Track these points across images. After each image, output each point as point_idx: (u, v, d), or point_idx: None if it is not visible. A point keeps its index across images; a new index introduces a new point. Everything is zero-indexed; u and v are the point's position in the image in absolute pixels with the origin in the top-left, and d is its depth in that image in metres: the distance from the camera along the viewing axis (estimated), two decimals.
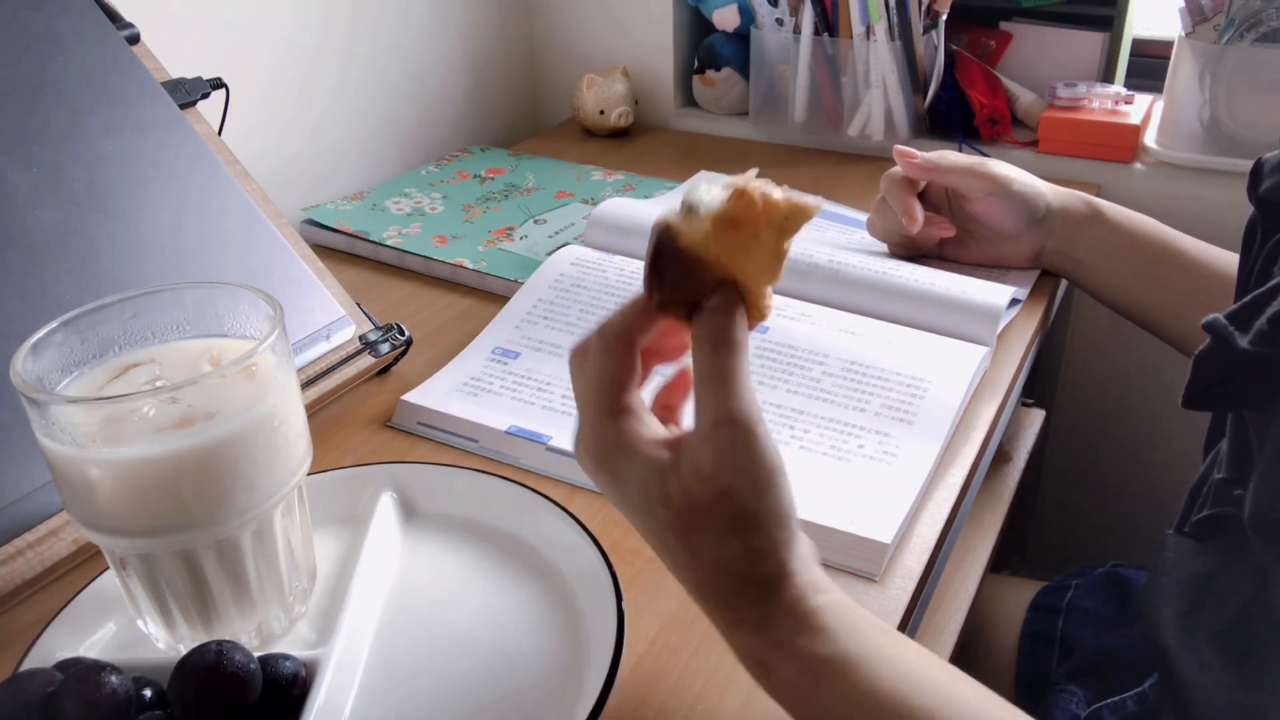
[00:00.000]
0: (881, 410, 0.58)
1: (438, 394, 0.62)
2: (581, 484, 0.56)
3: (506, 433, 0.58)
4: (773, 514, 0.36)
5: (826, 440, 0.56)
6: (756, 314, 0.38)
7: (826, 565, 0.50)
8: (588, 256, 0.73)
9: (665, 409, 0.43)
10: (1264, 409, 0.47)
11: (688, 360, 0.43)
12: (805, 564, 0.37)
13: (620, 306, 0.39)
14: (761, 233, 0.36)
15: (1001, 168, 0.74)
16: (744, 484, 0.36)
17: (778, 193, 0.36)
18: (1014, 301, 0.72)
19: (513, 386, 0.62)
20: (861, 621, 0.37)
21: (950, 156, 0.75)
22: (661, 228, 0.37)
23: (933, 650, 0.75)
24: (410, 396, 0.61)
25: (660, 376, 0.43)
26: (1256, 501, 0.47)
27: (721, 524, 0.36)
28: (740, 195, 0.36)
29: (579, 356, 0.41)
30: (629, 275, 0.71)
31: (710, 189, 0.36)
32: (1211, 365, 0.48)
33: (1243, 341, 0.46)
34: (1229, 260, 0.69)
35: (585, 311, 0.68)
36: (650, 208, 0.79)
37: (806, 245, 0.73)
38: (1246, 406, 0.49)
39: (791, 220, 0.36)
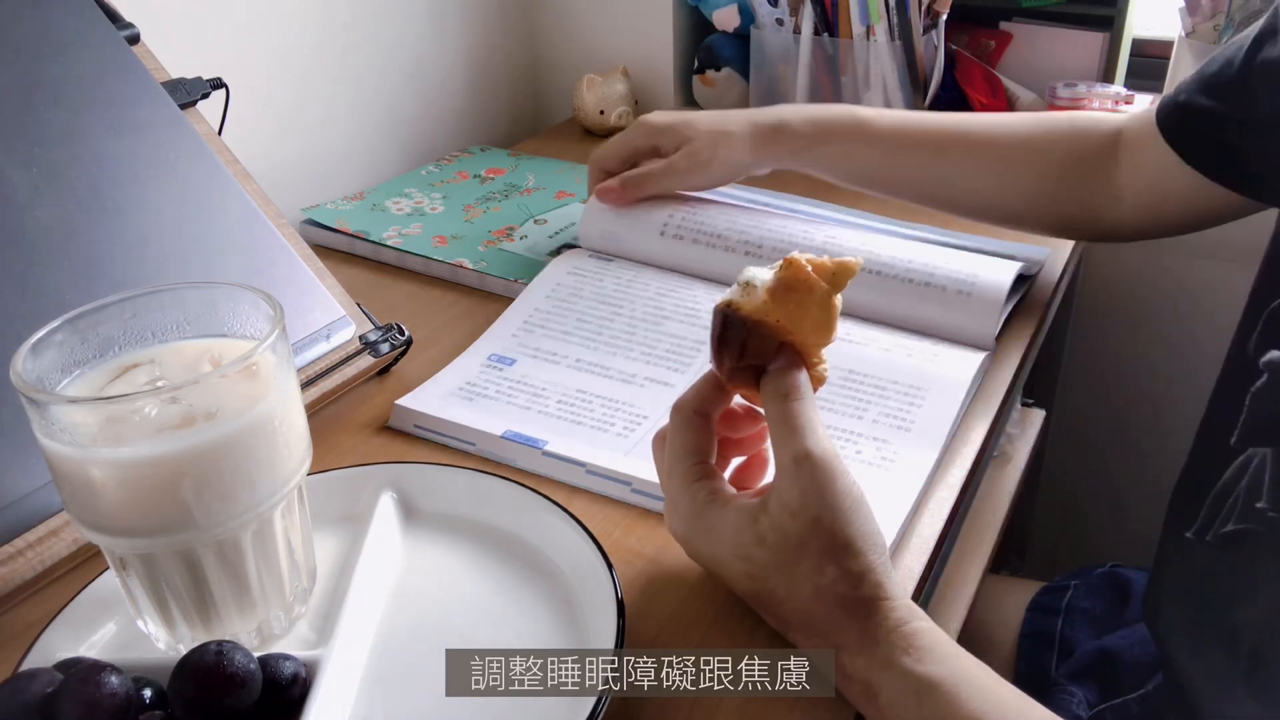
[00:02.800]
0: (880, 418, 0.58)
1: (433, 398, 0.62)
2: (579, 485, 0.56)
3: (502, 437, 0.58)
4: (864, 538, 0.39)
5: None
6: (815, 378, 0.43)
7: None
8: (585, 265, 0.74)
9: (740, 489, 0.47)
10: None
11: (757, 447, 0.47)
12: (902, 587, 0.39)
13: (691, 385, 0.44)
14: (815, 290, 0.41)
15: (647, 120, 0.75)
16: (833, 512, 0.38)
17: (823, 258, 0.42)
18: (1025, 279, 0.72)
19: (508, 392, 0.62)
20: (955, 648, 0.38)
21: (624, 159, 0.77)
22: (723, 305, 0.43)
23: None
24: (405, 401, 0.61)
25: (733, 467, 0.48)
26: None
27: (817, 552, 0.38)
28: (790, 264, 0.41)
29: (658, 442, 0.46)
30: (626, 283, 0.71)
31: (761, 269, 0.42)
32: (1269, 402, 0.48)
33: None
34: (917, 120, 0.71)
35: (582, 320, 0.68)
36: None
37: (802, 225, 0.73)
38: None
39: (839, 275, 0.41)
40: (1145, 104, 0.99)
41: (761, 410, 0.44)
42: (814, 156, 0.72)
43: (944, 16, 0.96)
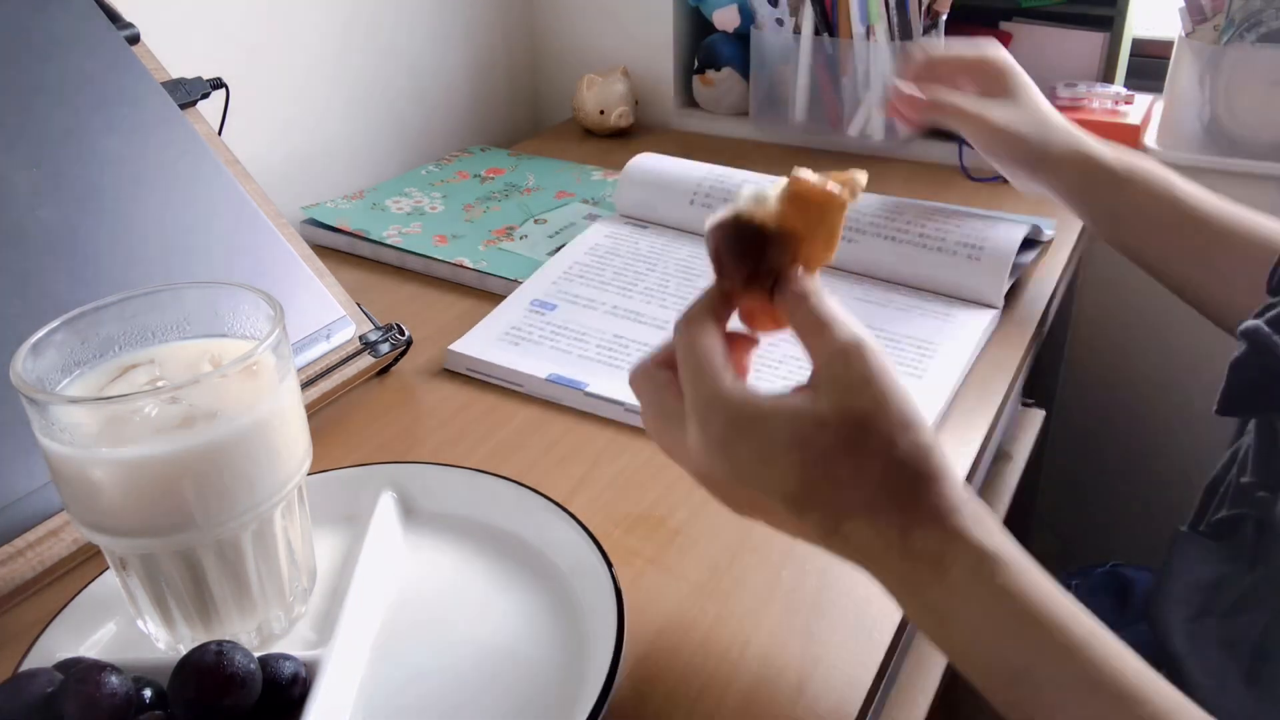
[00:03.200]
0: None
1: (482, 342, 0.67)
2: (620, 420, 0.60)
3: (547, 379, 0.62)
4: (921, 418, 0.38)
5: None
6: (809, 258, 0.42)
7: None
8: (620, 231, 0.80)
9: None
10: None
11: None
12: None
13: (693, 300, 0.42)
14: (833, 202, 0.41)
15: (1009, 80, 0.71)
16: (893, 392, 0.38)
17: (827, 176, 0.41)
18: (1032, 244, 0.75)
19: (551, 336, 0.67)
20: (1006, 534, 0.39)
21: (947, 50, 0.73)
22: (733, 215, 0.41)
23: (932, 650, 0.75)
24: (457, 346, 0.67)
25: None
26: None
27: (885, 427, 0.37)
28: (800, 180, 0.41)
29: (642, 378, 0.42)
30: (659, 248, 0.78)
31: (767, 185, 0.42)
32: (1247, 371, 0.48)
33: (1269, 330, 0.45)
34: (1251, 221, 0.65)
35: (618, 274, 0.74)
36: (680, 164, 0.84)
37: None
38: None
39: (852, 188, 0.41)
40: (1145, 104, 0.99)
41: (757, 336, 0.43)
42: (1113, 194, 0.68)
43: (944, 16, 0.96)
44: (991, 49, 0.72)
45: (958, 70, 0.73)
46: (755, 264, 0.41)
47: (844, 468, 0.38)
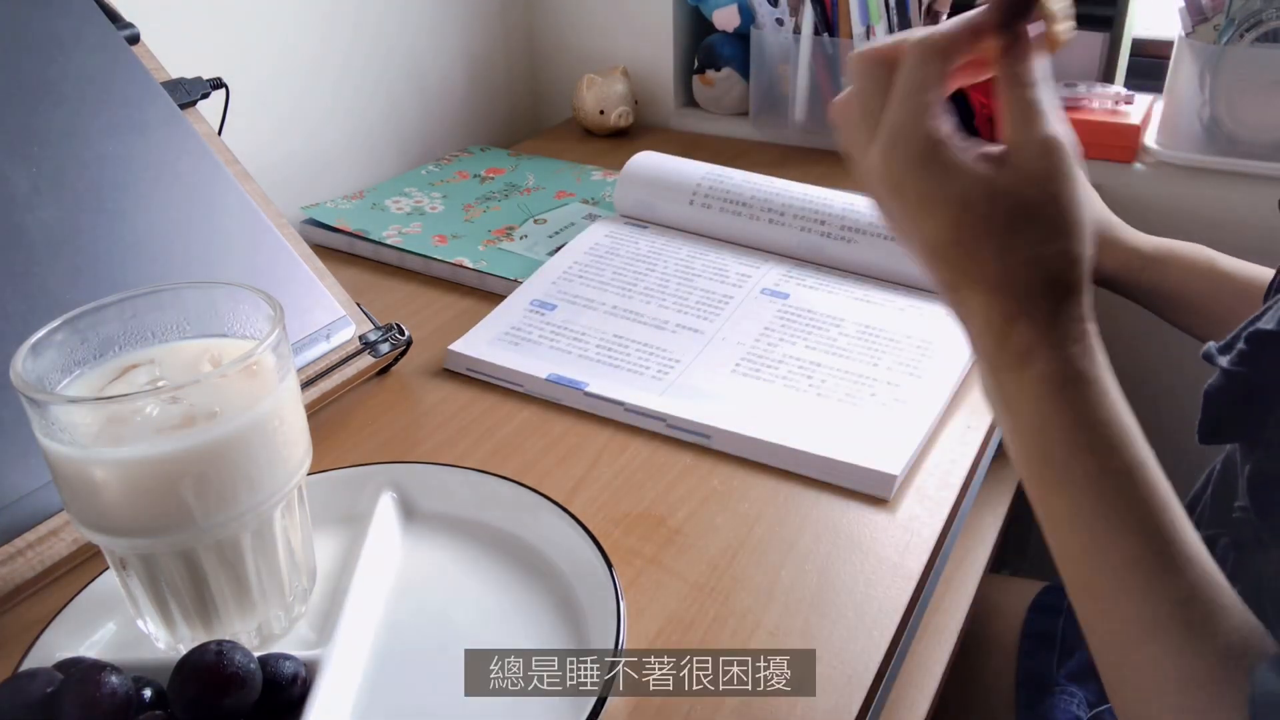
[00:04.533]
0: (893, 365, 0.63)
1: (482, 343, 0.67)
2: (619, 420, 0.60)
3: (547, 379, 0.63)
4: (1087, 227, 0.40)
5: (842, 389, 0.61)
6: (1053, 40, 0.42)
7: (843, 491, 0.55)
8: (620, 230, 0.80)
9: None
10: (1261, 433, 0.47)
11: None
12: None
13: (944, 27, 0.42)
14: None
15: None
16: (1074, 193, 0.39)
17: None
18: None
19: (551, 336, 0.67)
20: (1106, 363, 0.41)
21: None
22: None
23: (932, 650, 0.75)
24: (457, 346, 0.67)
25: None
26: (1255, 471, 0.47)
27: (1046, 224, 0.39)
28: None
29: (869, 63, 0.43)
30: (659, 247, 0.77)
31: None
32: (1217, 396, 0.48)
33: (1224, 363, 0.46)
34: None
35: (618, 273, 0.74)
36: (679, 163, 0.84)
37: (822, 192, 0.78)
38: (1252, 433, 0.49)
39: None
40: (1145, 104, 0.99)
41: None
42: (1153, 275, 0.70)
43: (944, 16, 0.96)
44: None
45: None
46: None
47: (991, 243, 0.40)
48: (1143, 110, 0.98)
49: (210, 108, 0.68)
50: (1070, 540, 0.40)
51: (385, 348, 0.65)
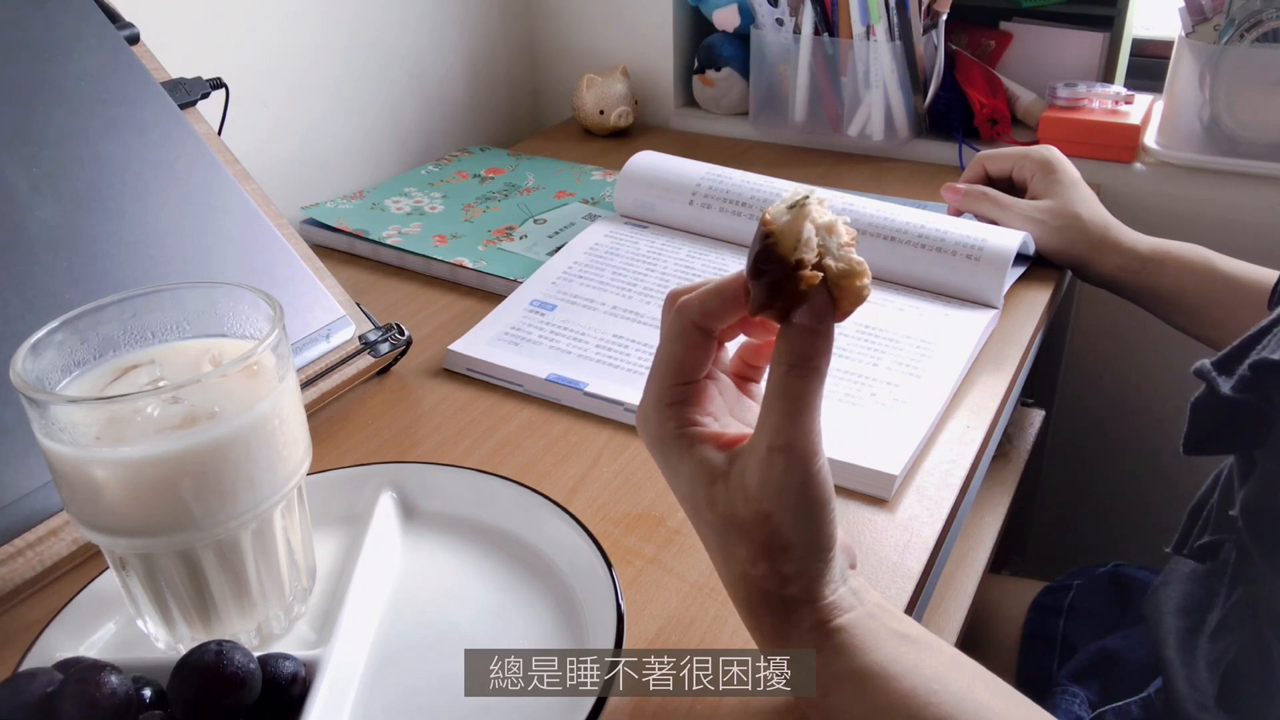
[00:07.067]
0: (893, 366, 0.63)
1: (482, 343, 0.67)
2: (619, 420, 0.60)
3: (547, 379, 0.63)
4: (808, 545, 0.37)
5: (841, 389, 0.61)
6: (854, 295, 0.36)
7: (844, 491, 0.54)
8: (620, 230, 0.80)
9: (746, 367, 0.43)
10: (1258, 449, 0.47)
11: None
12: (833, 587, 0.38)
13: (703, 289, 0.38)
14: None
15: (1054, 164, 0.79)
16: (785, 513, 0.36)
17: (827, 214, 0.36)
18: (1024, 258, 0.77)
19: (550, 336, 0.67)
20: (885, 633, 0.37)
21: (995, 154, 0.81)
22: (765, 229, 0.35)
23: None
24: (457, 346, 0.67)
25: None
26: (1249, 498, 0.47)
27: (755, 545, 0.37)
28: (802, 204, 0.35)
29: (668, 304, 0.40)
30: (658, 247, 0.78)
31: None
32: (1206, 411, 0.48)
33: (1226, 388, 0.46)
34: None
35: (618, 274, 0.74)
36: (679, 163, 0.84)
37: (822, 193, 0.77)
38: (1242, 449, 0.49)
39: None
40: (1145, 104, 0.99)
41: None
42: (1149, 276, 0.73)
43: (944, 16, 0.96)
44: (1042, 147, 0.80)
45: (1011, 162, 0.80)
46: (770, 297, 0.36)
47: (715, 555, 0.39)
48: (1143, 110, 0.98)
49: (210, 108, 0.68)
50: None
51: (385, 348, 0.65)
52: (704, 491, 0.38)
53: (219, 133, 0.68)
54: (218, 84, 0.68)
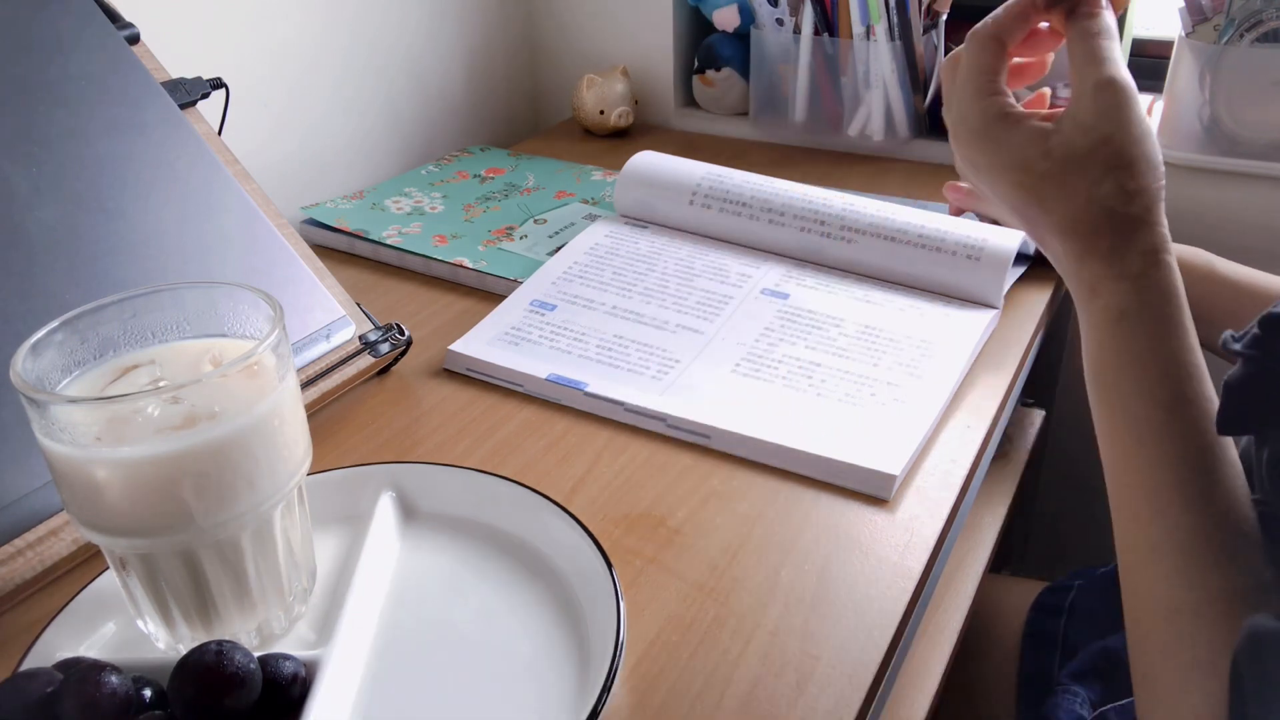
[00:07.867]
0: (893, 366, 0.63)
1: (482, 343, 0.67)
2: (619, 420, 0.60)
3: (547, 379, 0.63)
4: (1146, 160, 0.44)
5: (841, 389, 0.61)
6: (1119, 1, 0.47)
7: (844, 492, 0.55)
8: (620, 230, 0.80)
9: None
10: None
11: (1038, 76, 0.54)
12: (1165, 219, 0.44)
13: (992, 13, 0.48)
14: None
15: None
16: (1124, 132, 0.43)
17: None
18: (1024, 258, 0.77)
19: (550, 336, 0.67)
20: (1183, 299, 0.44)
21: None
22: None
23: (932, 651, 0.75)
24: (457, 346, 0.67)
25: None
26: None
27: (1099, 166, 0.43)
28: None
29: (949, 66, 0.51)
30: (658, 247, 0.78)
31: None
32: (1240, 387, 0.48)
33: (1236, 345, 0.46)
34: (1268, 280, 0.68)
35: (618, 274, 0.74)
36: (679, 163, 0.84)
37: (821, 193, 0.78)
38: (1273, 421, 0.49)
39: None
40: (1145, 104, 0.99)
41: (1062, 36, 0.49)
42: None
43: (944, 16, 0.96)
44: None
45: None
46: None
47: (1051, 194, 0.45)
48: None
49: (210, 108, 0.68)
50: (1108, 454, 0.44)
51: (385, 348, 0.65)
52: (1038, 149, 0.45)
53: (219, 133, 0.68)
54: (218, 84, 0.69)
